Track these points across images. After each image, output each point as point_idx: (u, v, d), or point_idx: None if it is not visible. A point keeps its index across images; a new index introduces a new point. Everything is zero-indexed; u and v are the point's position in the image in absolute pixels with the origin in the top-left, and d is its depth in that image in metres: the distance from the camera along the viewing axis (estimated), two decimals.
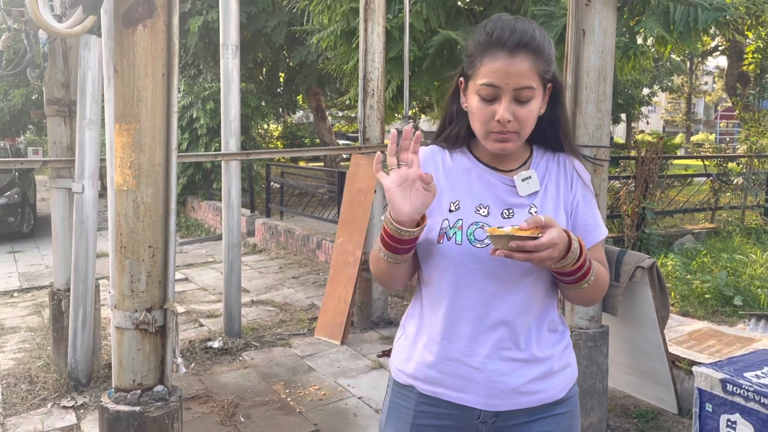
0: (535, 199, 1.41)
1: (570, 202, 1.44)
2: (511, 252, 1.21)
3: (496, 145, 1.36)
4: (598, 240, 1.45)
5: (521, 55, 1.29)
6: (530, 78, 1.30)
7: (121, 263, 2.20)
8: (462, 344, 1.39)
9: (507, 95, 1.30)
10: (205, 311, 5.61)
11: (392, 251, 1.32)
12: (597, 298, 1.44)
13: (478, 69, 1.33)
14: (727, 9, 5.40)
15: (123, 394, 2.21)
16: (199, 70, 12.10)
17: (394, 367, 1.52)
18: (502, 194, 1.41)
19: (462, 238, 1.36)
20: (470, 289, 1.37)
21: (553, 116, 1.43)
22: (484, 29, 1.34)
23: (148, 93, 2.14)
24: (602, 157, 3.04)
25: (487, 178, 1.43)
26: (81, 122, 3.54)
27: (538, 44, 1.31)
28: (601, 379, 3.17)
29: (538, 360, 1.41)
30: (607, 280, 1.46)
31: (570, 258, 1.27)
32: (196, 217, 11.08)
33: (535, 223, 1.22)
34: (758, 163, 8.63)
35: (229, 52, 4.60)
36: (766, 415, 2.21)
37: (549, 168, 1.46)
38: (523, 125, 1.33)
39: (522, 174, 1.42)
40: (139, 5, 2.10)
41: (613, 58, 3.05)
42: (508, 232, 1.21)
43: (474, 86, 1.35)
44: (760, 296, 4.89)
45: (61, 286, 3.98)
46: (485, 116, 1.33)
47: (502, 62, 1.29)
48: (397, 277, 1.42)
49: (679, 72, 27.91)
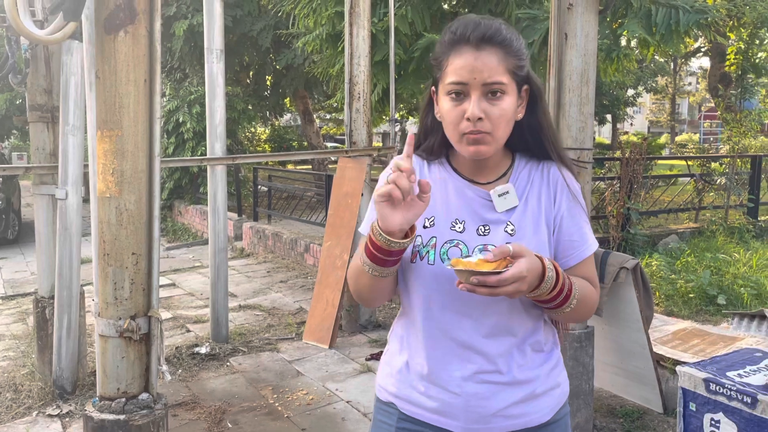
0: (512, 215, 1.33)
1: (553, 217, 1.35)
2: (474, 287, 1.14)
3: (470, 149, 1.27)
4: (584, 257, 1.36)
5: (487, 48, 1.24)
6: (499, 73, 1.24)
7: (104, 270, 2.19)
8: (439, 367, 1.33)
9: (476, 91, 1.24)
10: (192, 317, 5.59)
11: (379, 264, 1.25)
12: (584, 317, 1.38)
13: (445, 69, 1.28)
14: (709, 11, 5.47)
15: (107, 403, 2.20)
16: (185, 74, 12.06)
17: (377, 383, 1.48)
18: (478, 209, 1.34)
19: (435, 257, 1.30)
20: (444, 311, 1.31)
21: (533, 122, 1.36)
22: (449, 29, 1.30)
23: (130, 99, 2.13)
24: (585, 160, 3.06)
25: (464, 191, 1.36)
26: (64, 128, 3.52)
27: (505, 37, 1.26)
28: (587, 379, 3.20)
29: (520, 383, 1.34)
30: (596, 296, 1.38)
31: (544, 288, 1.21)
32: (183, 222, 11.03)
33: (502, 254, 1.15)
34: (741, 163, 8.73)
35: (214, 56, 4.59)
36: (749, 414, 2.24)
37: (531, 178, 1.38)
38: (496, 125, 1.26)
39: (498, 189, 1.34)
40: (121, 11, 2.10)
41: (596, 61, 3.08)
42: (473, 265, 1.14)
43: (443, 88, 1.29)
44: (743, 295, 4.94)
45: (46, 293, 3.95)
46: (456, 117, 1.26)
47: (468, 57, 1.24)
48: (382, 292, 1.35)
49: (664, 73, 28.17)
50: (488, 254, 1.16)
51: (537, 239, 1.32)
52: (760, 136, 12.50)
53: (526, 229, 1.32)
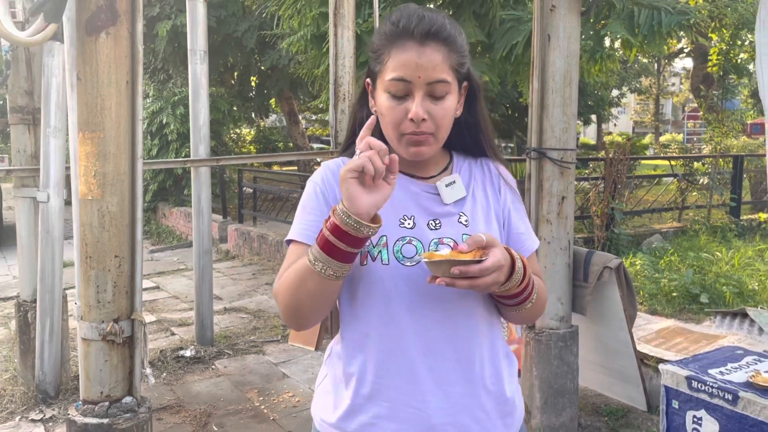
0: (463, 206, 1.27)
1: (501, 210, 1.31)
2: (453, 279, 1.06)
3: (411, 150, 1.20)
4: (532, 250, 1.32)
5: (432, 45, 1.16)
6: (444, 71, 1.17)
7: (86, 273, 2.17)
8: (399, 382, 1.19)
9: (419, 90, 1.16)
10: (177, 320, 5.55)
11: (339, 258, 1.08)
12: (538, 314, 1.30)
13: (385, 63, 1.19)
14: (690, 12, 5.53)
15: (91, 407, 2.18)
16: (168, 75, 11.99)
17: (317, 416, 1.30)
18: (426, 203, 1.25)
19: (388, 256, 1.18)
20: (404, 316, 1.18)
21: (470, 119, 1.31)
22: (389, 20, 1.20)
23: (112, 101, 2.11)
24: (569, 160, 3.08)
25: (407, 186, 1.26)
26: (45, 130, 3.49)
27: (449, 33, 1.18)
28: (572, 378, 3.22)
29: (491, 393, 1.24)
30: (546, 291, 1.33)
31: (515, 279, 1.14)
32: (168, 224, 10.96)
33: (476, 243, 1.08)
34: (723, 163, 8.83)
35: (197, 57, 4.57)
36: (731, 411, 2.26)
37: (473, 173, 1.33)
38: (439, 125, 1.19)
39: (445, 179, 1.28)
40: (102, 12, 2.08)
41: (578, 62, 3.10)
42: (447, 257, 1.07)
43: (382, 83, 1.20)
44: (726, 294, 5.00)
45: (28, 297, 3.90)
46: (397, 116, 1.18)
47: (412, 53, 1.15)
48: (326, 302, 1.17)
49: (647, 74, 28.40)
50: (462, 245, 1.10)
51: (491, 231, 1.26)
52: (741, 136, 12.64)
53: (479, 220, 1.27)
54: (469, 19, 5.83)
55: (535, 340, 3.17)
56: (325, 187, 1.26)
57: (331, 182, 1.27)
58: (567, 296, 3.18)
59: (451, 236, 1.22)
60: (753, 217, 8.90)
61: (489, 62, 5.88)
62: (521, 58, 5.59)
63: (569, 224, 3.15)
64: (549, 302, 3.15)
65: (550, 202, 3.09)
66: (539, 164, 3.10)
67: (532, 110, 3.10)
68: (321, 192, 1.26)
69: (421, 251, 1.19)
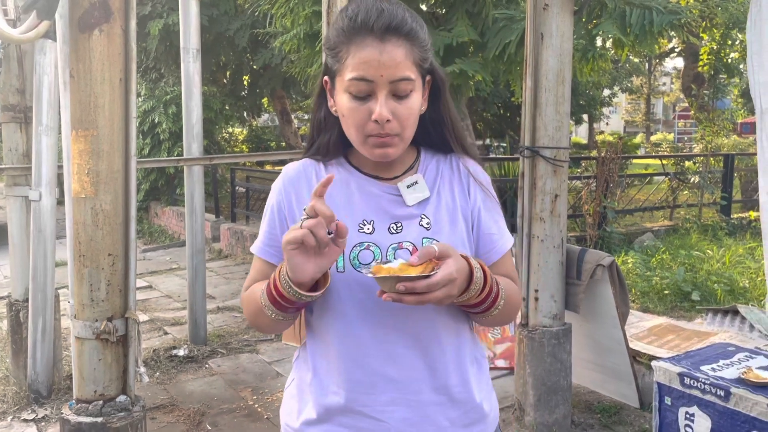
0: (426, 207, 1.20)
1: (470, 211, 1.23)
2: (400, 296, 1.00)
3: (377, 152, 1.14)
4: (504, 251, 1.25)
5: (393, 40, 1.09)
6: (407, 68, 1.10)
7: (80, 272, 2.17)
8: (359, 391, 1.16)
9: (383, 90, 1.09)
10: (170, 319, 5.53)
11: (283, 311, 1.11)
12: (509, 318, 1.24)
13: (344, 62, 1.11)
14: (682, 12, 5.55)
15: (84, 406, 2.17)
16: (160, 74, 11.94)
17: (282, 420, 1.29)
18: (387, 206, 1.20)
19: (344, 263, 1.14)
20: (362, 324, 1.14)
21: (435, 114, 1.24)
22: (345, 13, 1.12)
23: (105, 99, 2.11)
24: (562, 158, 3.10)
25: (368, 189, 1.21)
26: (37, 129, 3.47)
27: (411, 27, 1.11)
28: (565, 375, 3.23)
29: (458, 401, 1.20)
30: (518, 294, 1.26)
31: (473, 289, 1.08)
32: (160, 224, 10.92)
33: (427, 255, 1.02)
34: (713, 162, 8.89)
35: (190, 55, 4.55)
36: (723, 407, 2.28)
37: (440, 170, 1.26)
38: (404, 125, 1.13)
39: (406, 180, 1.21)
40: (95, 10, 2.07)
41: (571, 61, 3.11)
42: (395, 271, 1.01)
43: (342, 83, 1.12)
44: (717, 291, 5.03)
45: (19, 296, 3.88)
46: (360, 118, 1.11)
47: (372, 50, 1.08)
48: (286, 325, 1.19)
49: (639, 73, 28.52)
50: (412, 258, 1.04)
51: (455, 233, 1.20)
52: (732, 135, 12.74)
53: (443, 222, 1.20)
54: (461, 17, 5.84)
55: (529, 337, 3.19)
56: (282, 198, 1.24)
57: (288, 191, 1.24)
58: (560, 294, 3.20)
59: (411, 240, 1.17)
60: (743, 215, 8.96)
61: (482, 61, 5.89)
62: (514, 57, 5.60)
63: (562, 222, 3.16)
64: (542, 300, 3.16)
65: (543, 200, 3.11)
66: (532, 162, 3.12)
67: (526, 109, 3.11)
68: (277, 203, 1.24)
69: (378, 257, 1.15)
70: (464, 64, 5.58)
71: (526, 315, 3.23)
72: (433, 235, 1.18)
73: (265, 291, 1.11)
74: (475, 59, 5.84)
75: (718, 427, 2.30)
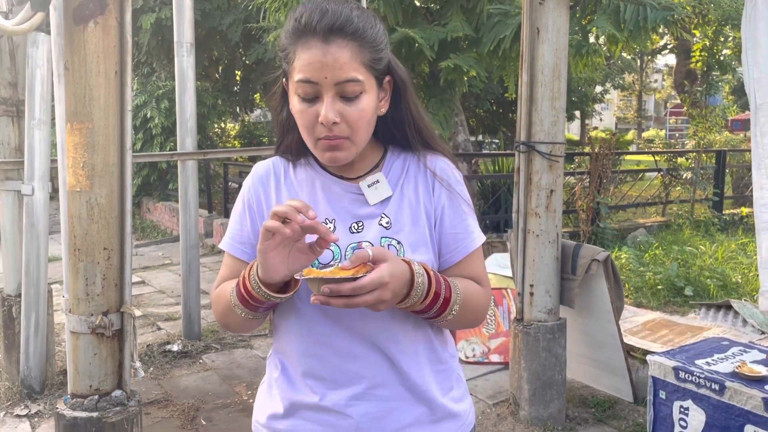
0: (386, 206, 1.19)
1: (433, 209, 1.20)
2: (327, 298, 0.98)
3: (326, 155, 1.12)
4: (470, 250, 1.21)
5: (337, 41, 1.07)
6: (353, 69, 1.08)
7: (75, 266, 2.15)
8: (322, 387, 1.17)
9: (329, 92, 1.08)
10: (163, 314, 5.51)
11: (252, 310, 1.12)
12: (472, 323, 1.22)
13: (293, 64, 1.10)
14: (675, 8, 5.58)
15: (80, 400, 2.16)
16: (152, 69, 11.88)
17: (253, 417, 1.31)
18: (349, 205, 1.19)
19: None
20: (321, 323, 1.15)
21: (397, 116, 1.22)
22: (292, 16, 1.11)
23: (100, 91, 2.09)
24: (557, 153, 3.10)
25: (332, 188, 1.21)
26: (30, 122, 3.44)
27: (357, 27, 1.08)
28: (560, 370, 3.24)
29: (421, 399, 1.19)
30: (485, 298, 1.22)
31: (415, 296, 1.05)
32: (152, 219, 10.88)
33: (360, 259, 0.99)
34: (706, 158, 8.94)
35: (184, 50, 4.53)
36: (717, 401, 2.29)
37: (406, 167, 1.23)
38: (354, 128, 1.11)
39: (368, 179, 1.20)
40: (90, 2, 2.05)
41: (567, 56, 3.12)
42: (326, 274, 1.00)
43: (292, 85, 1.12)
44: (710, 286, 5.07)
45: (12, 291, 3.86)
46: (309, 120, 1.10)
47: (316, 51, 1.06)
48: (256, 325, 1.20)
49: (631, 70, 28.63)
50: (345, 261, 1.04)
51: (416, 232, 1.18)
52: (724, 132, 12.81)
53: (404, 220, 1.18)
54: (456, 12, 5.84)
55: (524, 332, 3.20)
56: (251, 195, 1.24)
57: (257, 189, 1.24)
58: (555, 289, 3.21)
59: (370, 240, 1.16)
60: (735, 211, 9.02)
61: (476, 56, 5.89)
62: (508, 53, 5.61)
63: (558, 217, 3.17)
64: (537, 295, 3.17)
65: (538, 195, 3.11)
66: (528, 158, 3.12)
67: (521, 104, 3.11)
68: (247, 200, 1.24)
69: (338, 257, 1.15)
70: (459, 59, 5.59)
71: (521, 310, 3.24)
72: (393, 234, 1.16)
73: (234, 289, 1.12)
74: (469, 54, 5.85)
75: (713, 420, 2.31)
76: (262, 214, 1.21)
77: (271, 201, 1.22)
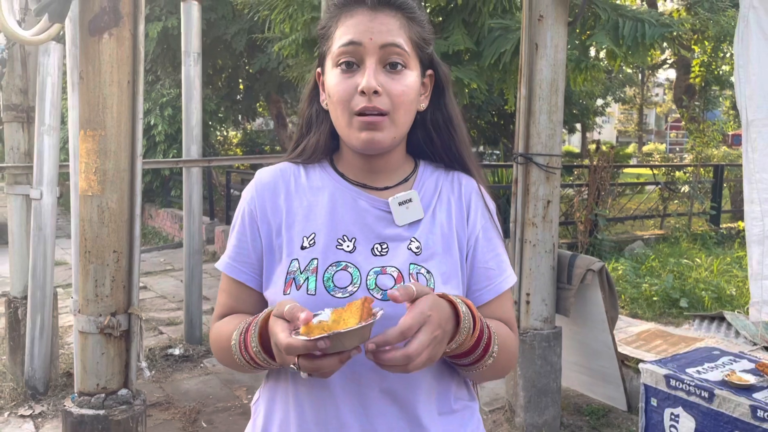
0: (417, 230, 1.04)
1: (466, 238, 1.07)
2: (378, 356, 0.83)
3: (363, 135, 0.99)
4: (502, 290, 1.07)
5: (386, 11, 1.00)
6: (400, 36, 1.00)
7: (85, 268, 2.22)
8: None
9: (372, 56, 0.98)
10: (165, 319, 5.57)
11: (256, 367, 1.01)
12: (504, 370, 1.07)
13: (333, 35, 1.02)
14: (673, 25, 5.66)
15: (87, 398, 2.22)
16: (157, 77, 11.99)
17: None
18: (373, 223, 1.04)
19: (316, 285, 0.98)
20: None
21: (439, 116, 1.11)
22: None
23: (113, 100, 2.17)
24: (554, 165, 3.18)
25: (355, 200, 1.06)
26: (40, 128, 3.52)
27: (406, 2, 1.02)
28: (555, 378, 3.30)
29: None
30: (515, 343, 1.09)
31: (464, 330, 0.90)
32: (154, 225, 10.95)
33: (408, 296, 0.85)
34: (704, 172, 9.02)
35: (191, 59, 4.62)
36: (707, 408, 2.35)
37: (439, 188, 1.10)
38: (396, 104, 0.99)
39: (399, 196, 1.05)
40: (105, 14, 2.14)
41: (565, 71, 3.20)
42: (330, 325, 0.82)
43: (331, 59, 1.02)
44: (705, 298, 5.13)
45: (18, 293, 3.92)
46: (346, 91, 0.99)
47: (362, 18, 0.99)
48: (257, 372, 1.06)
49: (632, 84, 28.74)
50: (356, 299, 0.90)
51: (448, 262, 1.04)
52: (722, 146, 12.91)
53: (435, 248, 1.04)
54: (458, 26, 5.93)
55: (520, 340, 3.26)
56: (254, 206, 1.09)
57: (262, 198, 1.08)
58: (551, 298, 3.28)
59: (397, 266, 1.01)
60: (732, 225, 9.09)
61: (477, 69, 5.98)
62: (509, 66, 5.69)
63: (554, 228, 3.24)
64: (534, 303, 3.24)
65: (535, 205, 3.19)
66: (526, 169, 3.20)
67: (520, 116, 3.19)
68: (249, 212, 1.09)
69: (357, 281, 0.99)
70: (460, 72, 5.68)
71: (517, 318, 3.31)
72: (422, 261, 1.02)
73: (237, 342, 0.99)
74: (470, 67, 5.93)
75: (702, 427, 2.37)
76: (268, 227, 1.07)
77: (279, 211, 1.07)
